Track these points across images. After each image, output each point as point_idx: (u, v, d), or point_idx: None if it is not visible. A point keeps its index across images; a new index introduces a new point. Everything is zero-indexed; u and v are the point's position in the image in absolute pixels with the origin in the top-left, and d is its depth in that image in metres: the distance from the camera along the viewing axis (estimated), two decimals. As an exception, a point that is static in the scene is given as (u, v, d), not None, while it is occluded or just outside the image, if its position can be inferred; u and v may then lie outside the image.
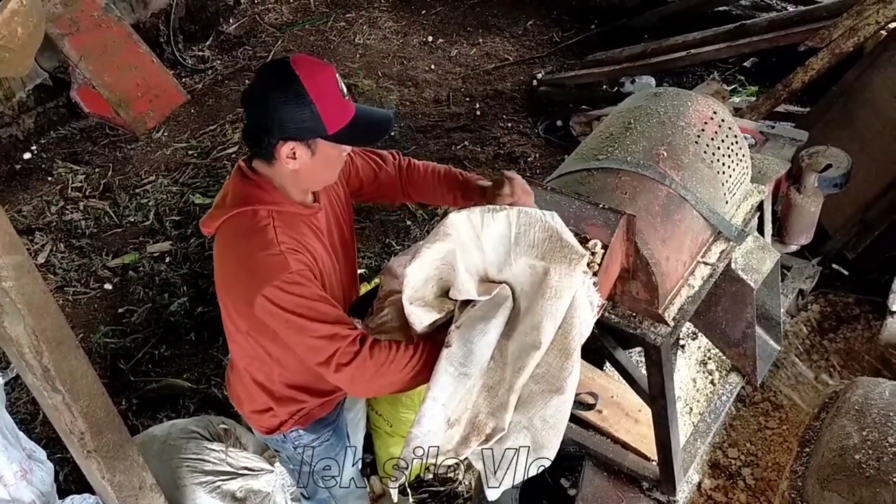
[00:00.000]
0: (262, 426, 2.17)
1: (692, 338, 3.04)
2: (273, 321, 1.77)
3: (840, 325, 3.40)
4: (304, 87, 1.72)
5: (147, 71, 5.60)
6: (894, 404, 2.19)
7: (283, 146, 1.76)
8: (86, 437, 1.98)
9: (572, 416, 2.69)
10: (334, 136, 1.78)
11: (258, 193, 1.84)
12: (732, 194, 2.25)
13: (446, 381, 1.65)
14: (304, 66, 1.75)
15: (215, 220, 1.88)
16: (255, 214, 1.82)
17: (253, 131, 1.81)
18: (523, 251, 1.72)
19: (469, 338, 1.66)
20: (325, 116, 1.74)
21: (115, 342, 3.86)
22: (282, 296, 1.73)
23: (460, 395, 1.67)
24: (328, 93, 1.75)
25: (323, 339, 1.73)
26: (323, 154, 1.81)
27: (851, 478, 2.04)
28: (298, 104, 1.72)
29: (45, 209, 4.82)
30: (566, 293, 1.67)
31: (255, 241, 1.79)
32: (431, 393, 1.65)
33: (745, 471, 2.87)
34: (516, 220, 1.72)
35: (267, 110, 1.74)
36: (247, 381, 2.09)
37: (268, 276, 1.73)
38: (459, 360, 1.65)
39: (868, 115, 3.47)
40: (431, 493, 3.02)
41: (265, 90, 1.75)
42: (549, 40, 6.04)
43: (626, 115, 2.32)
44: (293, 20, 6.72)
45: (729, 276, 2.26)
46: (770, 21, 4.53)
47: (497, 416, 1.67)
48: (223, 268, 1.90)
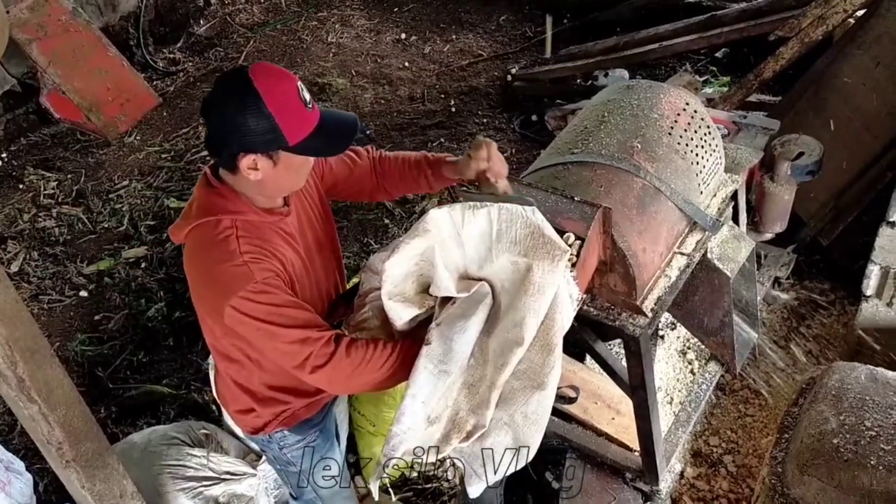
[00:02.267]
0: (246, 426, 2.16)
1: (671, 328, 3.06)
2: (243, 330, 1.76)
3: (816, 312, 3.43)
4: (263, 99, 1.67)
5: (117, 75, 5.54)
6: (870, 388, 2.22)
7: (243, 158, 1.73)
8: (64, 447, 1.95)
9: (555, 409, 2.71)
10: (295, 148, 1.75)
11: (222, 203, 1.81)
12: (707, 184, 2.27)
13: (425, 379, 1.64)
14: (263, 76, 1.70)
15: (182, 230, 1.86)
16: (218, 225, 1.79)
17: (213, 142, 1.78)
18: (505, 248, 1.71)
19: (449, 335, 1.66)
20: (285, 128, 1.71)
21: (92, 350, 3.82)
22: (249, 305, 1.71)
23: (440, 393, 1.66)
24: (287, 104, 1.71)
25: (295, 343, 1.73)
26: (286, 163, 1.77)
27: (830, 462, 2.07)
28: (257, 116, 1.68)
29: (17, 217, 4.75)
30: (549, 289, 1.67)
31: (217, 253, 1.76)
32: (411, 391, 1.64)
33: (726, 458, 2.89)
34: (497, 217, 1.71)
35: (225, 122, 1.71)
36: (228, 382, 2.09)
37: (231, 287, 1.72)
38: (439, 357, 1.64)
39: (838, 102, 3.51)
40: (416, 492, 3.01)
41: (223, 102, 1.71)
42: (522, 35, 6.05)
43: (600, 108, 2.33)
44: (265, 20, 6.67)
45: (705, 265, 2.27)
46: (740, 11, 4.56)
47: (478, 413, 1.66)
48: (191, 278, 1.88)
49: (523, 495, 2.82)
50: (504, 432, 1.67)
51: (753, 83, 3.86)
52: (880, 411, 2.14)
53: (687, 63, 5.24)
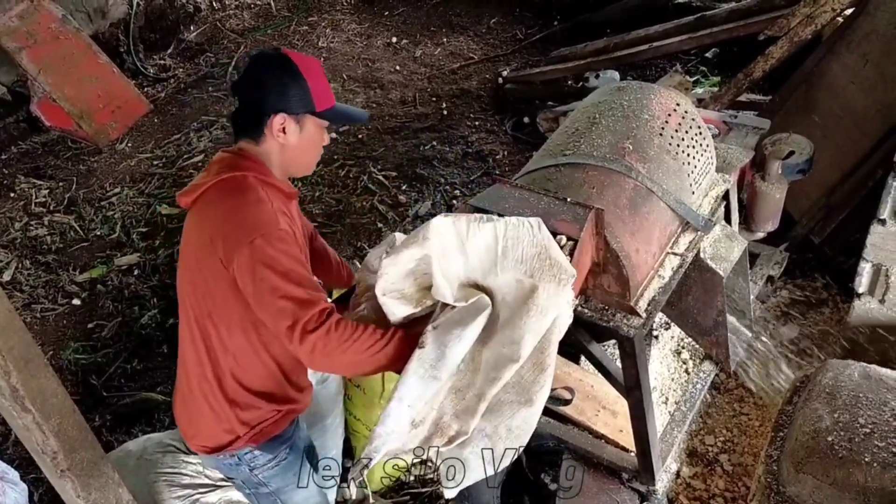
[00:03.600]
0: (212, 442, 2.08)
1: (665, 328, 3.07)
2: (249, 277, 1.78)
3: (809, 310, 3.45)
4: (299, 67, 1.89)
5: (108, 82, 5.53)
6: (863, 386, 2.22)
7: (275, 118, 1.89)
8: (58, 457, 1.94)
9: (550, 410, 2.71)
10: (321, 114, 1.94)
11: (248, 164, 1.92)
12: (698, 184, 2.28)
13: (414, 383, 1.64)
14: (295, 54, 1.93)
15: (197, 190, 1.92)
16: (245, 179, 1.89)
17: (245, 109, 1.94)
18: (511, 265, 1.73)
19: (444, 341, 1.65)
20: (315, 93, 1.91)
21: (85, 358, 3.81)
22: (267, 250, 1.76)
23: (427, 398, 1.66)
24: (318, 76, 1.93)
25: (294, 301, 1.74)
26: (308, 133, 1.95)
27: (825, 459, 2.07)
28: (293, 79, 1.88)
29: (8, 226, 4.74)
30: (551, 312, 1.68)
31: (247, 197, 1.85)
32: (398, 393, 1.64)
33: (722, 457, 2.89)
34: (503, 233, 1.73)
35: (263, 87, 1.88)
36: (196, 387, 2.03)
37: (258, 226, 1.79)
38: (431, 362, 1.64)
39: (828, 100, 3.53)
40: (412, 496, 3.01)
41: (263, 70, 1.91)
42: (513, 37, 6.07)
43: (591, 109, 2.33)
44: (255, 25, 6.68)
45: (698, 265, 2.28)
46: (730, 11, 4.58)
47: (462, 419, 1.67)
48: (202, 229, 1.90)
49: (520, 497, 2.82)
50: (484, 443, 1.68)
51: (743, 83, 3.88)
52: (874, 408, 2.15)
53: (677, 63, 5.26)
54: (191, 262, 1.95)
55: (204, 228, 1.90)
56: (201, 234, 1.90)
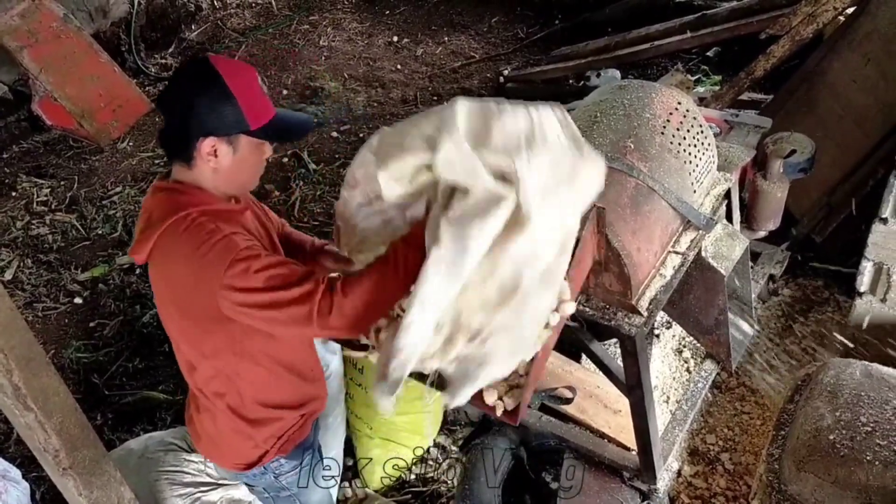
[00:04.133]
0: (242, 462, 2.08)
1: (667, 327, 3.07)
2: (242, 309, 1.70)
3: (811, 308, 3.44)
4: (226, 81, 1.70)
5: (109, 81, 5.53)
6: (865, 384, 2.22)
7: (203, 142, 1.73)
8: (60, 455, 1.95)
9: (552, 409, 2.71)
10: (257, 132, 1.77)
11: (185, 199, 1.78)
12: (700, 183, 2.28)
13: (436, 284, 1.48)
14: (225, 64, 1.74)
15: (146, 244, 1.79)
16: (187, 217, 1.75)
17: (172, 132, 1.77)
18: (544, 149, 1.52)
19: (464, 234, 1.47)
20: (248, 111, 1.73)
21: (87, 357, 3.81)
22: (244, 277, 1.66)
23: (451, 297, 1.51)
24: (249, 89, 1.75)
25: (296, 303, 1.65)
26: (244, 153, 1.79)
27: (826, 458, 2.07)
28: (220, 99, 1.70)
29: (10, 225, 4.74)
30: (591, 190, 1.56)
31: (197, 237, 1.72)
32: (419, 298, 1.48)
33: (723, 456, 2.89)
34: (538, 120, 1.53)
35: (187, 107, 1.71)
36: (219, 417, 2.01)
37: (220, 260, 1.67)
38: (451, 259, 1.48)
39: (829, 99, 3.52)
40: (414, 494, 3.01)
41: (186, 87, 1.73)
42: (514, 36, 6.06)
43: (593, 108, 2.33)
44: (256, 24, 6.67)
45: (700, 264, 2.28)
46: (731, 10, 4.58)
47: (485, 312, 1.54)
48: (170, 282, 1.82)
49: (521, 495, 2.82)
50: (507, 336, 1.56)
51: (745, 81, 3.88)
52: (875, 407, 2.15)
53: (678, 62, 5.25)
54: (172, 312, 1.88)
55: (172, 281, 1.82)
56: (173, 286, 1.82)
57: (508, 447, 2.78)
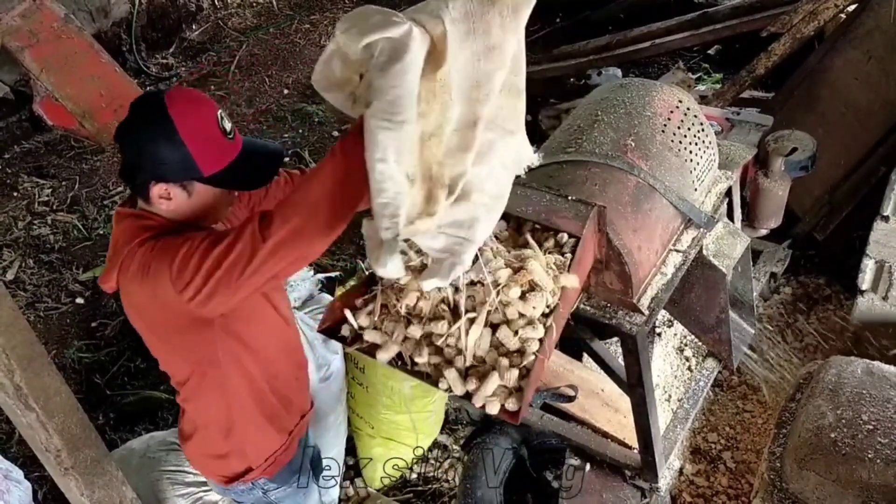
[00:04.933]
0: (226, 473, 2.05)
1: (668, 325, 3.07)
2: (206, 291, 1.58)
3: (812, 307, 3.44)
4: (176, 127, 1.62)
5: (110, 81, 5.52)
6: (866, 382, 2.22)
7: (154, 186, 1.67)
8: (62, 455, 1.95)
9: (553, 408, 2.71)
10: (211, 179, 1.69)
11: (149, 224, 1.72)
12: (701, 181, 2.27)
13: (385, 136, 1.38)
14: (179, 103, 1.65)
15: (112, 272, 1.73)
16: (145, 242, 1.69)
17: (127, 171, 1.71)
18: None
19: (386, 84, 1.37)
20: (199, 159, 1.65)
21: (89, 356, 3.81)
22: (189, 259, 1.57)
23: (408, 145, 1.42)
24: (203, 134, 1.66)
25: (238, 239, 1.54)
26: (201, 195, 1.71)
27: (828, 456, 2.07)
28: (169, 145, 1.62)
29: (11, 225, 4.74)
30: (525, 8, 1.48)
31: (145, 256, 1.66)
32: (376, 155, 1.38)
33: (725, 454, 2.90)
34: None
35: (137, 150, 1.65)
36: (200, 423, 2.01)
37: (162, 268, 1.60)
38: (385, 109, 1.38)
39: (831, 97, 3.52)
40: (416, 493, 3.01)
41: (136, 128, 1.66)
42: (515, 35, 6.05)
43: (593, 107, 2.33)
44: (257, 24, 6.67)
45: (701, 262, 2.28)
46: (732, 8, 4.57)
47: (452, 162, 1.47)
48: (133, 306, 1.78)
49: (523, 494, 2.82)
50: (486, 188, 1.52)
51: (746, 80, 3.88)
52: (877, 405, 2.15)
53: (680, 60, 5.25)
54: (153, 340, 1.85)
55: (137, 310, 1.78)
56: (137, 310, 1.78)
57: (510, 446, 2.78)
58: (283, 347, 2.02)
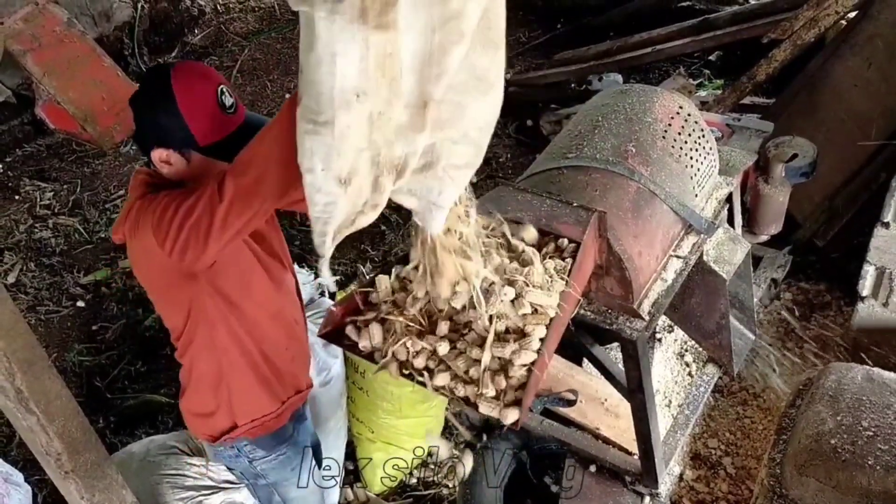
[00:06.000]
0: (209, 433, 2.10)
1: (668, 331, 3.07)
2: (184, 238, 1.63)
3: (813, 312, 3.44)
4: (176, 98, 1.73)
5: (112, 85, 5.54)
6: (867, 389, 2.22)
7: (155, 151, 1.79)
8: (62, 458, 1.95)
9: (553, 413, 2.71)
10: (207, 149, 1.78)
11: (150, 182, 1.85)
12: (701, 187, 2.28)
13: (311, 141, 1.29)
14: (182, 77, 1.76)
15: (122, 224, 1.83)
16: (147, 196, 1.77)
17: (136, 136, 1.89)
18: None
19: (309, 79, 1.25)
20: (196, 129, 1.75)
21: (89, 360, 3.82)
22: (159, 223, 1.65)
23: (336, 147, 1.29)
24: (201, 107, 1.76)
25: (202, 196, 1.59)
26: (200, 163, 1.81)
27: (828, 462, 2.07)
28: (168, 115, 1.74)
29: (13, 228, 4.75)
30: None
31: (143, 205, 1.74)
32: (304, 165, 1.31)
33: (725, 460, 2.89)
34: None
35: (142, 116, 1.80)
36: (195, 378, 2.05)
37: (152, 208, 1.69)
38: (312, 109, 1.27)
39: (831, 103, 3.53)
40: (416, 498, 3.01)
41: (142, 97, 1.80)
42: (517, 41, 6.06)
43: (594, 112, 2.34)
44: (259, 28, 6.68)
45: (701, 268, 2.28)
46: (733, 14, 4.58)
47: (405, 139, 1.35)
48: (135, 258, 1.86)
49: (523, 499, 2.82)
50: (459, 150, 1.43)
51: (747, 86, 3.88)
52: (877, 411, 2.15)
53: (680, 66, 5.26)
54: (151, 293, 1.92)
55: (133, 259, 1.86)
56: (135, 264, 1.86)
57: (510, 450, 2.78)
58: (273, 313, 2.03)
